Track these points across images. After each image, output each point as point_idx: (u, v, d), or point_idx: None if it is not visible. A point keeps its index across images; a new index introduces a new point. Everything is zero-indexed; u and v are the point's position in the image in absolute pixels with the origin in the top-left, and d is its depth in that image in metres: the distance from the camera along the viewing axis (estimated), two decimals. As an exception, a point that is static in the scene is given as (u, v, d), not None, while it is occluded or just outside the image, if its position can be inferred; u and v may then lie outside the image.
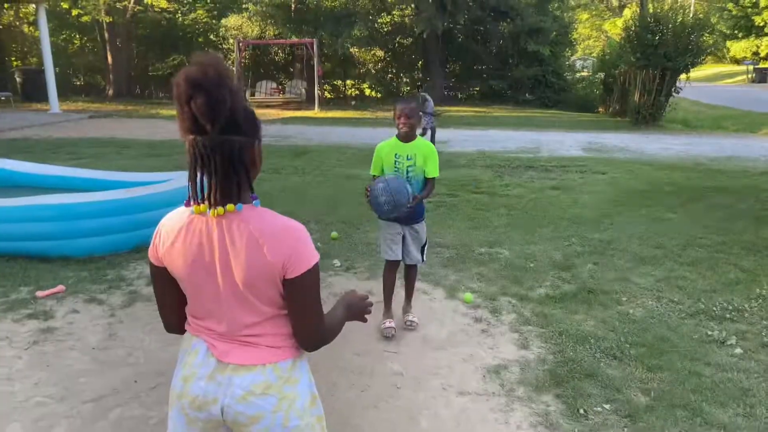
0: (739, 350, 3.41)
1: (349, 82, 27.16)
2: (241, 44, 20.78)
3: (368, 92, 27.08)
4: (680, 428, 2.67)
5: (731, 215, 6.48)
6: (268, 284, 1.39)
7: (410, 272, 3.80)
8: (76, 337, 3.52)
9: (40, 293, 4.07)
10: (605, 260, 4.95)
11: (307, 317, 1.44)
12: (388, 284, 3.75)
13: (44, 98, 17.24)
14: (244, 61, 22.16)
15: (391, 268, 3.71)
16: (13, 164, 6.39)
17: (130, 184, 5.67)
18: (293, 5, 23.21)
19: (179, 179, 5.59)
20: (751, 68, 34.19)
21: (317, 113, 19.47)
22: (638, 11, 20.95)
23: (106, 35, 24.09)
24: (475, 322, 3.81)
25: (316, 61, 19.97)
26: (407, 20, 24.57)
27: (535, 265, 4.83)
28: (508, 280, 4.50)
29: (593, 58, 29.20)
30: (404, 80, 27.41)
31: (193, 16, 25.31)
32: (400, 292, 3.95)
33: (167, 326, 1.60)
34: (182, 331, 1.57)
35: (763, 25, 36.73)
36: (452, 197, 7.27)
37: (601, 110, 21.50)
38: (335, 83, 26.94)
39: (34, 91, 19.24)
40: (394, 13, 24.87)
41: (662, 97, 16.03)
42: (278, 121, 16.50)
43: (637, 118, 16.39)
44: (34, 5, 17.24)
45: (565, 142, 12.98)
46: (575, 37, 30.60)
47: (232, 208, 1.36)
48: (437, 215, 6.36)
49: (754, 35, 38.43)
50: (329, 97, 25.80)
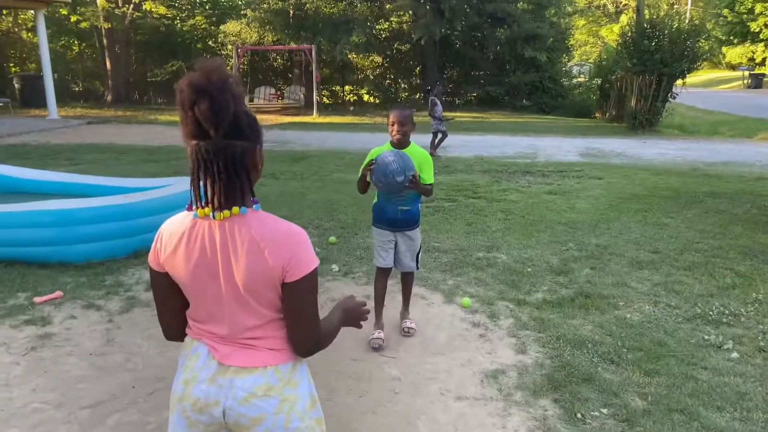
0: (735, 354, 3.42)
1: (347, 87, 27.27)
2: (239, 50, 20.85)
3: (366, 98, 27.19)
4: (677, 432, 2.68)
5: (727, 220, 6.51)
6: (268, 288, 1.41)
7: (406, 279, 3.75)
8: (73, 342, 3.52)
9: (37, 299, 4.07)
10: (602, 265, 4.96)
11: (303, 322, 1.45)
12: (378, 293, 3.66)
13: (43, 104, 17.25)
14: (242, 67, 22.22)
15: (382, 275, 3.64)
16: (11, 170, 6.39)
17: (128, 189, 5.68)
18: (292, 11, 23.29)
19: (177, 185, 5.60)
20: (746, 74, 34.28)
21: (315, 119, 19.51)
22: (635, 17, 21.11)
23: (104, 41, 24.14)
24: (472, 326, 3.82)
25: (314, 66, 20.03)
26: (405, 26, 24.67)
27: (532, 269, 4.85)
28: (505, 284, 4.51)
29: (590, 63, 29.28)
30: (402, 86, 27.52)
31: (191, 22, 25.37)
32: (397, 297, 3.96)
33: (167, 332, 1.58)
34: (182, 337, 1.57)
35: (758, 31, 36.90)
36: (450, 202, 7.29)
37: (598, 116, 21.60)
38: (333, 89, 27.05)
39: (32, 97, 19.26)
40: (392, 19, 24.97)
41: (659, 102, 16.10)
42: (276, 126, 16.53)
43: (633, 123, 16.45)
44: (32, 11, 17.27)
45: (562, 147, 13.02)
46: (572, 43, 30.77)
47: (237, 211, 1.37)
48: (435, 220, 6.38)
49: (749, 41, 38.61)
50: (327, 102, 25.89)
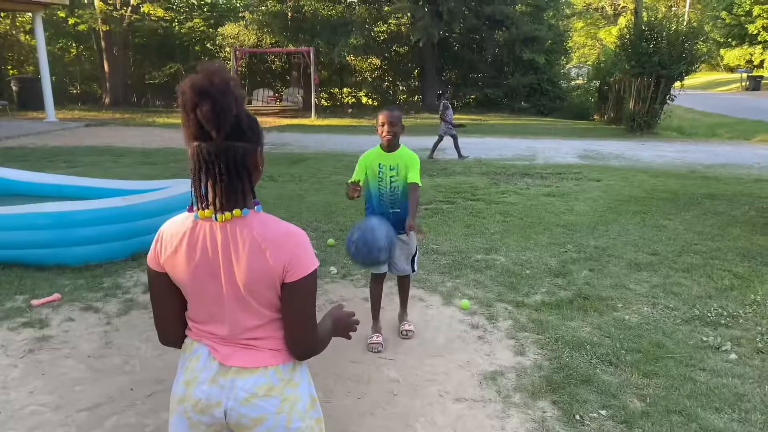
0: (734, 356, 3.42)
1: (345, 90, 27.32)
2: (237, 52, 20.86)
3: (365, 100, 27.23)
4: (676, 434, 2.68)
5: (726, 222, 6.51)
6: (268, 288, 1.41)
7: (403, 281, 3.72)
8: (71, 345, 3.51)
9: (35, 302, 4.06)
10: (601, 267, 4.96)
11: (300, 323, 1.45)
12: (374, 297, 3.65)
13: (40, 107, 17.24)
14: (240, 69, 22.22)
15: (377, 280, 3.63)
16: (9, 173, 6.38)
17: (126, 192, 5.67)
18: (290, 14, 23.32)
19: (175, 187, 5.60)
20: (744, 76, 34.38)
21: (314, 121, 19.52)
22: (633, 19, 21.14)
23: (102, 44, 24.15)
24: (471, 328, 3.81)
25: (312, 69, 20.04)
26: (403, 29, 24.71)
27: (531, 271, 4.85)
28: (504, 286, 4.51)
29: (588, 66, 29.35)
30: (401, 88, 27.57)
31: (189, 24, 25.38)
32: (395, 299, 3.95)
33: (162, 336, 1.56)
34: (177, 343, 1.55)
35: (756, 33, 37.03)
36: (448, 204, 7.30)
37: (596, 118, 21.64)
38: (332, 91, 27.08)
39: (30, 99, 19.23)
40: (390, 21, 25.01)
41: (657, 104, 16.14)
42: (275, 128, 16.53)
43: (632, 125, 16.48)
44: (30, 14, 17.26)
45: (560, 149, 13.04)
46: (570, 45, 30.85)
47: (238, 213, 1.38)
48: (434, 222, 6.38)
49: (747, 43, 38.73)
50: (326, 105, 25.91)
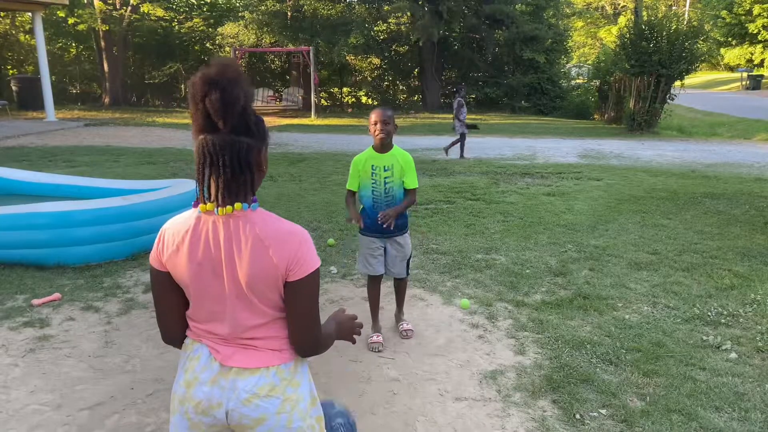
0: (734, 355, 3.42)
1: (345, 89, 27.31)
2: (237, 52, 20.85)
3: (365, 100, 27.22)
4: (676, 433, 2.68)
5: (726, 221, 6.51)
6: (269, 287, 1.41)
7: (399, 284, 3.71)
8: (72, 344, 3.51)
9: (36, 301, 4.06)
10: (601, 266, 4.97)
11: (304, 321, 1.45)
12: (372, 298, 3.67)
13: (40, 106, 17.25)
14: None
15: (373, 282, 3.63)
16: (8, 172, 6.39)
17: (126, 191, 5.67)
18: (289, 13, 23.31)
19: (175, 187, 5.60)
20: (745, 75, 34.37)
21: (314, 121, 19.53)
22: (633, 19, 21.13)
23: (102, 43, 24.14)
24: (471, 328, 3.82)
25: (312, 68, 20.04)
26: (403, 28, 24.71)
27: (531, 271, 4.85)
28: (504, 286, 4.51)
29: (588, 65, 29.35)
30: (400, 88, 27.55)
31: (189, 24, 25.36)
32: (394, 298, 3.94)
33: (165, 334, 1.56)
34: (179, 342, 1.55)
35: (756, 32, 36.98)
36: (448, 204, 7.30)
37: (596, 117, 21.64)
38: (332, 91, 27.07)
39: (30, 99, 19.23)
40: (390, 21, 25.01)
41: (657, 104, 16.14)
42: (274, 128, 16.52)
43: (632, 124, 16.48)
44: (30, 14, 17.26)
45: (560, 149, 13.04)
46: (570, 44, 30.82)
47: (239, 207, 1.38)
48: (433, 222, 6.38)
49: (747, 42, 38.68)
50: (326, 104, 25.90)
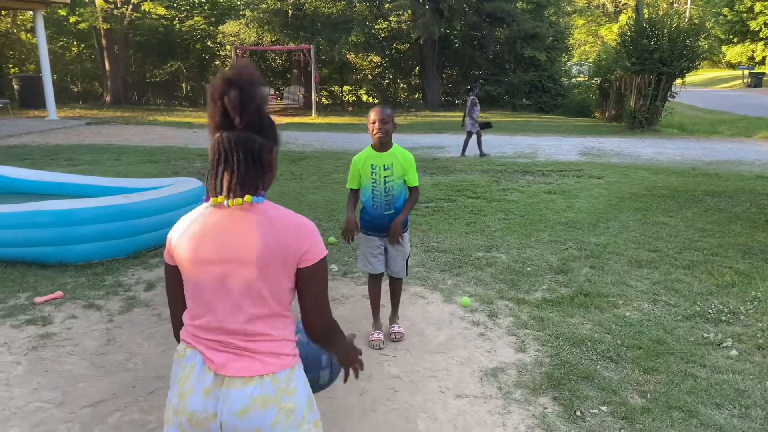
0: (734, 352, 3.43)
1: (346, 88, 27.30)
2: (238, 50, 20.86)
3: (365, 98, 27.21)
4: (676, 430, 2.69)
5: (727, 219, 6.51)
6: (284, 264, 1.45)
7: (395, 285, 3.69)
8: (74, 342, 3.53)
9: (38, 299, 4.08)
10: (601, 264, 4.97)
11: (319, 303, 1.52)
12: (373, 296, 3.68)
13: (42, 105, 17.26)
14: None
15: (374, 280, 3.64)
16: (10, 171, 6.41)
17: (127, 190, 5.69)
18: (290, 11, 23.29)
19: (177, 185, 5.61)
20: (746, 73, 34.29)
21: (314, 119, 19.53)
22: (634, 16, 21.11)
23: (103, 42, 24.15)
24: (472, 325, 3.82)
25: (313, 67, 20.04)
26: (404, 26, 24.69)
27: (531, 269, 4.85)
28: (505, 283, 4.52)
29: (589, 63, 29.30)
30: (401, 86, 27.53)
31: (190, 22, 25.36)
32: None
33: (177, 331, 1.58)
34: None
35: (758, 30, 36.85)
36: (449, 202, 7.30)
37: (597, 115, 21.62)
38: (333, 89, 27.06)
39: (31, 98, 19.26)
40: (390, 19, 24.99)
41: (658, 101, 16.11)
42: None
43: (633, 122, 16.46)
44: (31, 12, 17.27)
45: (561, 146, 13.03)
46: (571, 42, 30.79)
47: (249, 199, 1.44)
48: (434, 220, 6.39)
49: (749, 40, 38.55)
50: (326, 103, 25.91)
